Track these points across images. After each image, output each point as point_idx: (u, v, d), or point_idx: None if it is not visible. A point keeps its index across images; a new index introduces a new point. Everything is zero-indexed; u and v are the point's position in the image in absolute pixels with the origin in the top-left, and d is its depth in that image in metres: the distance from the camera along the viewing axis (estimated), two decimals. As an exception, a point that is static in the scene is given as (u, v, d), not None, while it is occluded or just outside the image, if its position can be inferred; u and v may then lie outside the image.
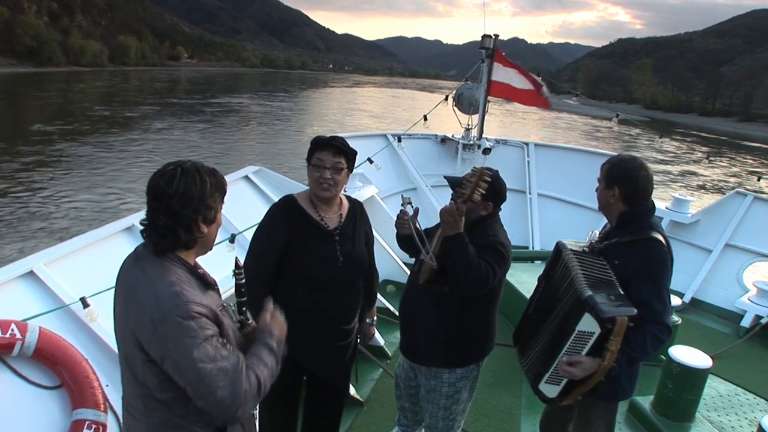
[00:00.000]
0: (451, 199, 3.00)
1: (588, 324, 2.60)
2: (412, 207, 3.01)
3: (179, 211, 1.87)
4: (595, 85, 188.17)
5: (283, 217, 3.02)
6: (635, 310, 2.58)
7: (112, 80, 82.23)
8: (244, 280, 2.12)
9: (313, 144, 3.01)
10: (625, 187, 2.83)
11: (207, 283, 2.01)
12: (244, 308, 2.12)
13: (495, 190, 2.95)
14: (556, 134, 50.11)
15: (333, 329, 3.08)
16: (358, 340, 3.40)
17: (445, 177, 3.21)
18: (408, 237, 2.99)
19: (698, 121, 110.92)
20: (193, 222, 1.92)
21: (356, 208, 3.25)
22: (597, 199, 3.00)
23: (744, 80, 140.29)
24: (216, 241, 2.09)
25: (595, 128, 58.39)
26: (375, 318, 3.52)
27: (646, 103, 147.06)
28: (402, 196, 3.12)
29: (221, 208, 2.03)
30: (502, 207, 3.13)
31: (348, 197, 3.28)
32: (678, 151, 43.46)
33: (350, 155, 3.03)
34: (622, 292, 2.66)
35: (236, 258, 2.13)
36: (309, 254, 2.98)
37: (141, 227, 1.95)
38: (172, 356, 1.77)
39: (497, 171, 3.03)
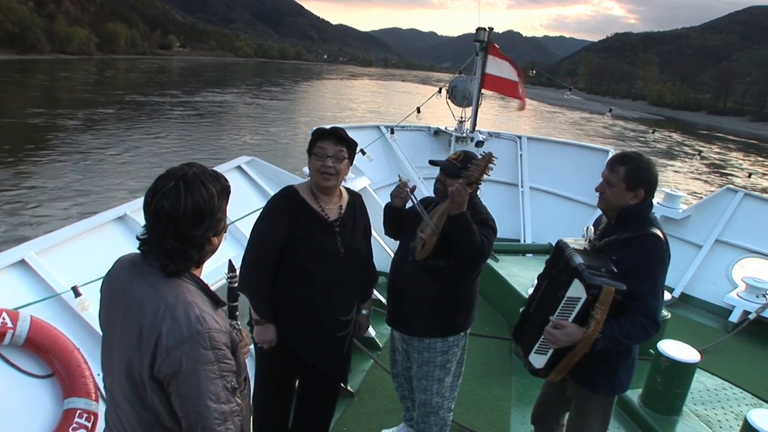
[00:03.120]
0: (437, 181, 3.28)
1: (576, 290, 2.67)
2: (410, 186, 3.25)
3: (190, 233, 1.71)
4: (598, 81, 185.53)
5: (285, 207, 3.03)
6: (624, 286, 2.62)
7: (87, 70, 77.34)
8: (237, 284, 2.07)
9: (314, 135, 3.04)
10: (648, 187, 2.83)
11: (217, 302, 1.85)
12: (236, 313, 2.06)
13: None
14: (554, 131, 49.43)
15: (332, 320, 3.10)
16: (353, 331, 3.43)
17: (431, 162, 3.39)
18: (397, 212, 3.32)
19: (708, 120, 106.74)
20: (205, 240, 1.77)
21: (356, 200, 3.27)
22: (605, 198, 2.91)
23: (757, 79, 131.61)
24: None
25: (604, 126, 56.49)
26: (371, 309, 3.55)
27: (652, 99, 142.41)
28: (399, 175, 3.27)
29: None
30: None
31: (348, 189, 3.30)
32: (693, 152, 42.94)
33: (351, 145, 3.06)
34: (615, 270, 2.70)
35: (230, 261, 2.08)
36: (310, 245, 2.99)
37: (138, 242, 1.77)
38: (180, 383, 1.64)
39: (474, 153, 3.25)
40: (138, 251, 1.83)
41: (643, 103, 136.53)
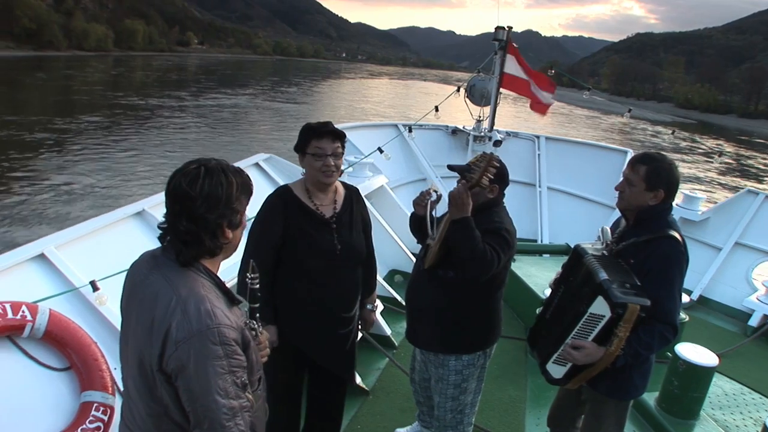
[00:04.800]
0: (458, 183, 3.06)
1: (600, 307, 2.62)
2: (437, 194, 3.08)
3: (204, 215, 1.73)
4: (622, 82, 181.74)
5: (281, 207, 3.02)
6: (648, 301, 2.57)
7: (96, 67, 73.38)
8: (258, 285, 2.06)
9: (307, 134, 2.99)
10: (668, 188, 2.79)
11: (232, 299, 1.86)
12: (257, 314, 2.04)
13: (500, 172, 3.03)
14: (577, 132, 48.15)
15: (333, 318, 3.10)
16: (359, 327, 3.42)
17: (449, 167, 3.23)
18: (421, 219, 3.08)
19: (739, 123, 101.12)
20: (218, 227, 1.77)
21: (352, 194, 3.24)
22: (624, 197, 2.88)
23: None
24: None
25: (652, 134, 53.52)
26: (376, 304, 3.53)
27: (679, 102, 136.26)
28: (432, 183, 3.16)
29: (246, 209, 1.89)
30: (509, 198, 3.16)
31: (344, 183, 3.28)
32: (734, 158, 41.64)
33: (344, 139, 3.05)
34: (639, 283, 2.65)
35: (252, 262, 2.07)
36: (307, 244, 2.98)
37: (159, 231, 1.80)
38: (188, 377, 1.64)
39: (498, 156, 3.07)
40: (160, 245, 1.86)
41: (670, 106, 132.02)
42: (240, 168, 1.87)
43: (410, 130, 9.12)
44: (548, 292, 3.27)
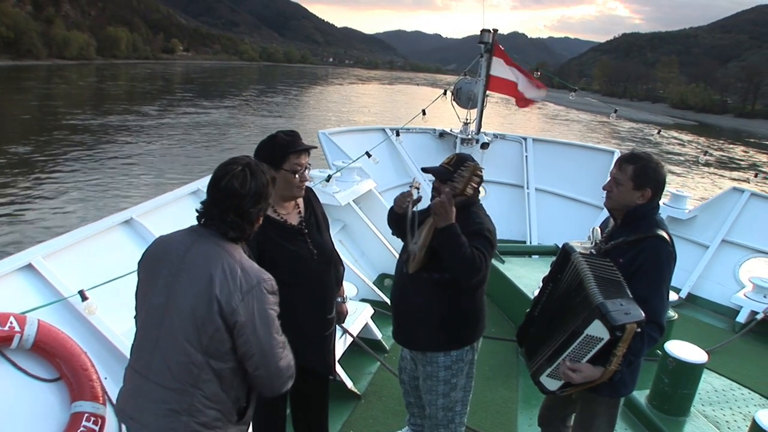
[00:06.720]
0: (433, 188, 3.13)
1: (597, 329, 2.59)
2: (419, 192, 3.09)
3: (249, 210, 2.10)
4: (615, 83, 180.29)
5: None
6: (644, 315, 2.57)
7: (65, 77, 68.84)
8: None
9: (284, 149, 2.89)
10: (655, 187, 2.82)
11: None
12: None
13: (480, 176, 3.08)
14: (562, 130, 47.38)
15: (320, 321, 3.11)
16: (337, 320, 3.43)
17: (423, 169, 3.25)
18: (399, 217, 3.11)
19: (736, 123, 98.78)
20: (256, 218, 2.16)
21: (310, 195, 3.22)
22: (612, 197, 2.91)
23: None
24: None
25: (679, 143, 50.18)
26: (345, 296, 3.54)
27: (673, 102, 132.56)
28: (414, 179, 3.15)
29: None
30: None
31: None
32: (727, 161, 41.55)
33: None
34: (631, 296, 2.65)
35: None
36: (284, 257, 2.93)
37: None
38: (256, 323, 2.02)
39: (470, 155, 3.13)
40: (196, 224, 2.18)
41: (664, 106, 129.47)
42: (267, 166, 2.24)
43: (398, 134, 9.13)
44: (537, 292, 3.29)
